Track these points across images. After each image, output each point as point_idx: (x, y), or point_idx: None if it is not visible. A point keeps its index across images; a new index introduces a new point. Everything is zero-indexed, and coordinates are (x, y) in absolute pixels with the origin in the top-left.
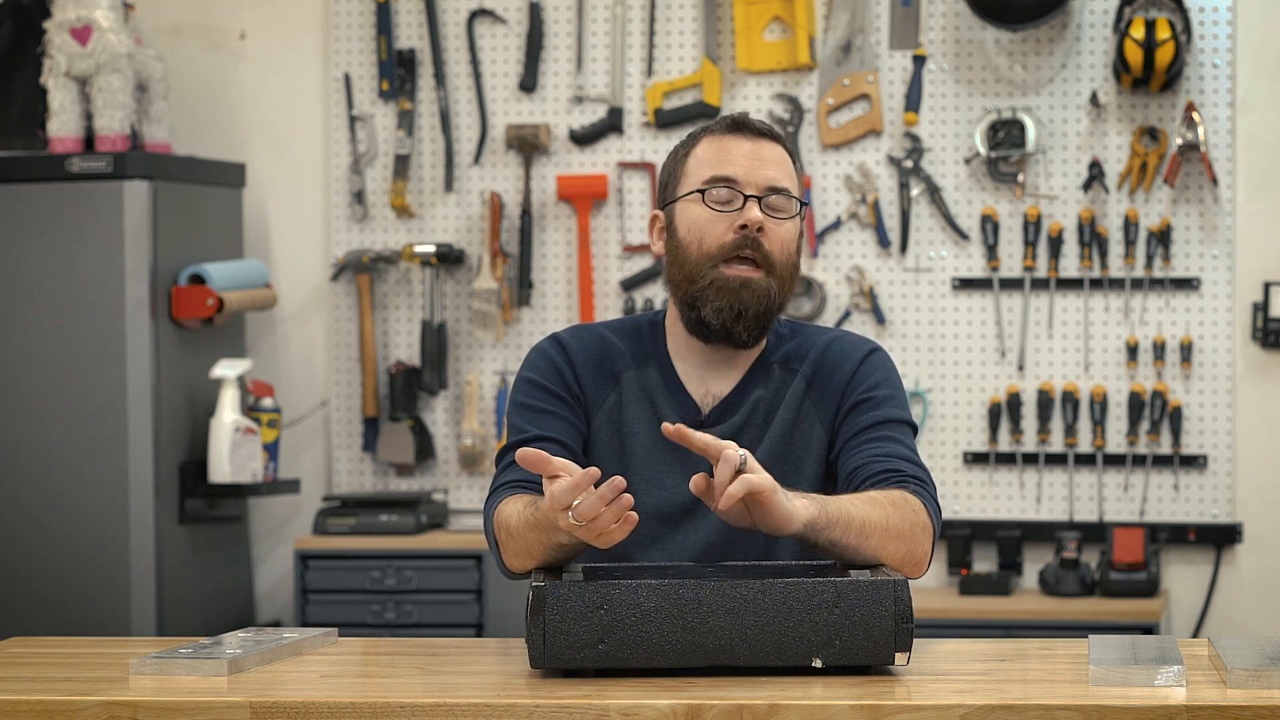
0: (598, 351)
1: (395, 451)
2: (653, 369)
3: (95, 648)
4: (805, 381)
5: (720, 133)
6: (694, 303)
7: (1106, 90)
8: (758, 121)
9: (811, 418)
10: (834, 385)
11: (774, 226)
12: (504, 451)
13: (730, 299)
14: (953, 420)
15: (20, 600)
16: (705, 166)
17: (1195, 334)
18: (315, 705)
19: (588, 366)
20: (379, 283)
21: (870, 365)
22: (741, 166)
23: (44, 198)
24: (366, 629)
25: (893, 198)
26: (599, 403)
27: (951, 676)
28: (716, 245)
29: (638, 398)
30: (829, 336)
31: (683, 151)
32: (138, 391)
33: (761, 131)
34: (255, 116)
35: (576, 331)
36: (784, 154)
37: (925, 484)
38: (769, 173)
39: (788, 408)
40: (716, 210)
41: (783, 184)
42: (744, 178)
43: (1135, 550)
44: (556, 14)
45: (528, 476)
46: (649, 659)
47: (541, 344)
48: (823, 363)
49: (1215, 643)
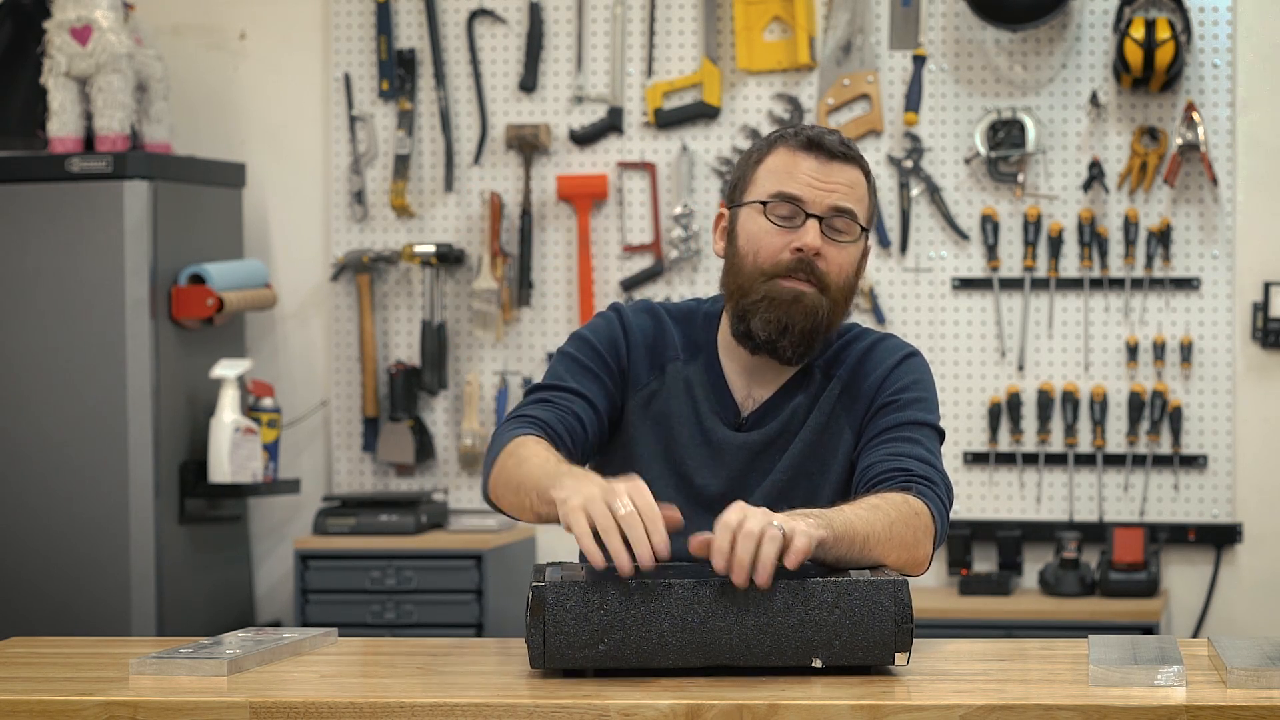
0: (653, 335)
1: (395, 451)
2: (700, 364)
3: (95, 648)
4: (840, 385)
5: (795, 147)
6: (744, 314)
7: (1106, 90)
8: (835, 141)
9: (840, 422)
10: (865, 390)
11: (832, 249)
12: (538, 388)
13: (780, 312)
14: (953, 420)
15: (20, 600)
16: (773, 179)
17: (1195, 334)
18: (315, 705)
19: (640, 348)
20: (379, 283)
21: (903, 369)
22: (808, 186)
23: (44, 198)
24: (366, 629)
25: (893, 198)
26: (639, 387)
27: (951, 676)
28: (771, 262)
29: (681, 390)
30: (870, 340)
31: (756, 156)
32: (138, 391)
33: (836, 154)
34: (255, 116)
35: (638, 310)
36: (857, 176)
37: (935, 484)
38: (836, 194)
39: (820, 412)
40: (777, 225)
41: (849, 206)
42: (809, 197)
43: (1135, 550)
44: (556, 14)
45: (549, 418)
46: (649, 659)
47: (607, 312)
48: (858, 367)
49: (1215, 643)
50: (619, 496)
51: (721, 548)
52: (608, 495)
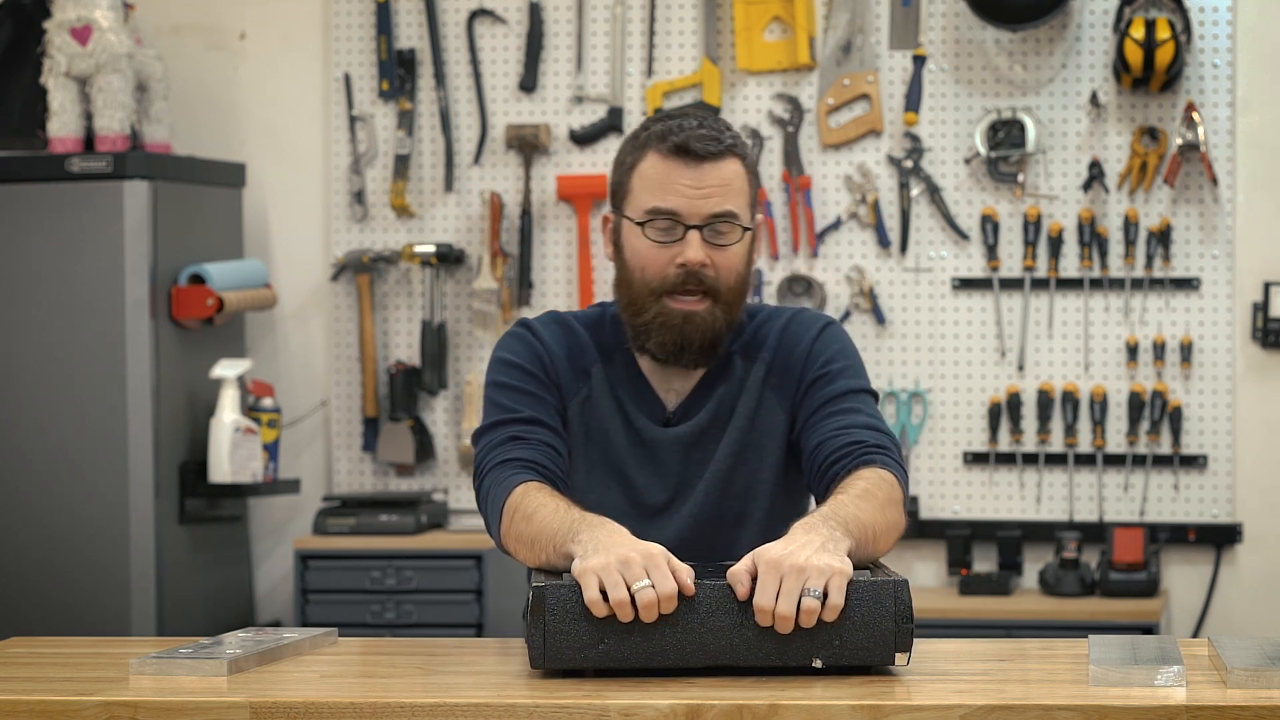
0: (570, 344)
1: (395, 451)
2: (618, 366)
3: (95, 648)
4: (765, 368)
5: (665, 153)
6: (640, 333)
7: (1106, 90)
8: (703, 140)
9: (771, 404)
10: (791, 367)
11: (718, 255)
12: (495, 426)
13: (673, 334)
14: (953, 420)
15: (20, 600)
16: (647, 191)
17: (1195, 334)
18: (315, 705)
19: (562, 359)
20: (379, 283)
21: (825, 340)
22: (684, 197)
23: (44, 198)
24: (366, 629)
25: (893, 198)
26: (573, 395)
27: (951, 676)
28: (659, 279)
29: (607, 394)
30: (784, 318)
31: (630, 161)
32: (138, 391)
33: (706, 154)
34: (255, 116)
35: (546, 322)
36: (733, 168)
37: (888, 449)
38: (712, 199)
39: (749, 397)
40: (658, 242)
41: (727, 208)
42: (685, 209)
43: (1135, 550)
44: (556, 14)
45: (534, 457)
46: (649, 659)
47: (515, 329)
48: (780, 347)
49: (1215, 643)
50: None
51: (764, 607)
52: (625, 569)
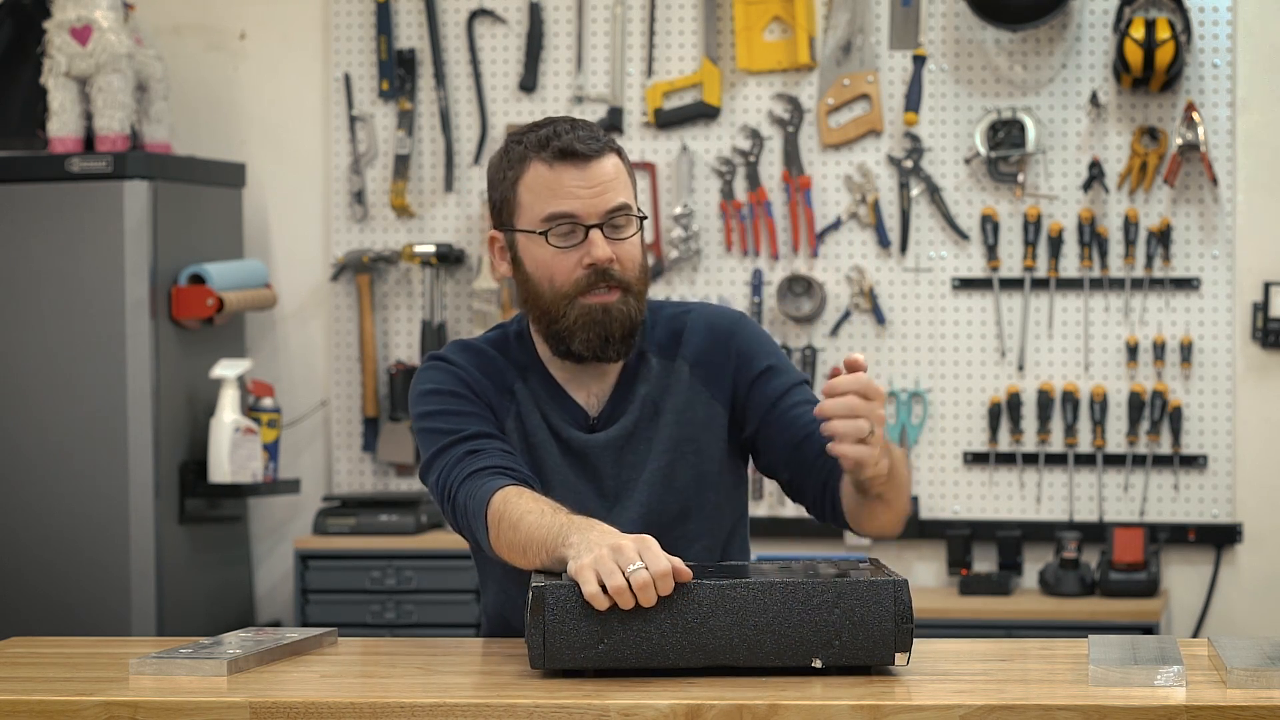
0: (485, 367)
1: (395, 451)
2: (535, 381)
3: (95, 648)
4: (688, 364)
5: (549, 160)
6: (561, 337)
7: (1106, 90)
8: (583, 141)
9: (704, 398)
10: (720, 362)
11: (621, 247)
12: (441, 452)
13: (596, 330)
14: (952, 420)
15: (20, 600)
16: (539, 200)
17: (1195, 334)
18: (315, 705)
19: (483, 381)
20: (379, 283)
21: (747, 336)
22: (578, 198)
23: (44, 198)
24: (366, 629)
25: (893, 198)
26: (505, 413)
27: (951, 676)
28: (569, 283)
29: (533, 409)
30: (695, 315)
31: (511, 175)
32: (138, 391)
33: (590, 153)
34: (255, 116)
35: (455, 350)
36: (613, 162)
37: None
38: (606, 196)
39: (676, 394)
40: (560, 247)
41: (620, 201)
42: (582, 210)
43: (1135, 550)
44: (556, 14)
45: (499, 463)
46: (649, 659)
47: (429, 363)
48: (702, 344)
49: (1215, 643)
50: (630, 557)
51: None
52: (618, 555)
